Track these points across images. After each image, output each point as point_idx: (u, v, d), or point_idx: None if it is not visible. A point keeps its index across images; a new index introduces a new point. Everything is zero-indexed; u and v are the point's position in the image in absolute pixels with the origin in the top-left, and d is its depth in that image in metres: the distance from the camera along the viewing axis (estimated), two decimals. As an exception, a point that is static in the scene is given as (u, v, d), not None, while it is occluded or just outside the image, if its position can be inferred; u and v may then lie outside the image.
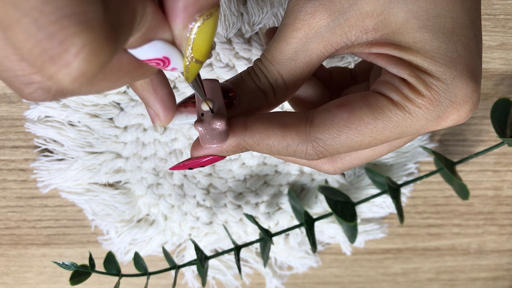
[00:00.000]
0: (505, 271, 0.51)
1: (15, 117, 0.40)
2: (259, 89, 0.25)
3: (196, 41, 0.18)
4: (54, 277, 0.47)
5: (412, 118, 0.22)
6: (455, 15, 0.22)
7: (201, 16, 0.18)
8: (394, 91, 0.23)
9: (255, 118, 0.24)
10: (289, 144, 0.24)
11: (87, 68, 0.14)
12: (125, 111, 0.40)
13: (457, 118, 0.23)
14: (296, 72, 0.24)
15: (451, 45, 0.22)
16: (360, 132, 0.23)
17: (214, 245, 0.46)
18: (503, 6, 0.39)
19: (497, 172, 0.46)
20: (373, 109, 0.23)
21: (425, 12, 0.22)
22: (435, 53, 0.22)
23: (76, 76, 0.14)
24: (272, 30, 0.29)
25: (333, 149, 0.24)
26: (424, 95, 0.22)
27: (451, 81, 0.22)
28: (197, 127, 0.24)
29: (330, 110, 0.23)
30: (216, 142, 0.24)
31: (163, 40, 0.18)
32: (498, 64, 0.41)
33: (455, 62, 0.22)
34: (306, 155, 0.24)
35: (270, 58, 0.24)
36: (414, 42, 0.22)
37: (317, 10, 0.22)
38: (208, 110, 0.23)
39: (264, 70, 0.25)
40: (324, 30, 0.23)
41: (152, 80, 0.22)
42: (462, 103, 0.22)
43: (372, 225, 0.46)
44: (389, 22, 0.22)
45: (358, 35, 0.23)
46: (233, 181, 0.43)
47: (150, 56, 0.18)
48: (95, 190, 0.42)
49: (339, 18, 0.22)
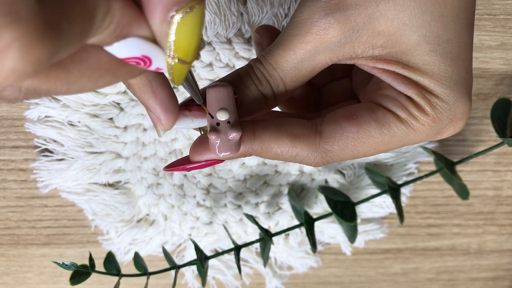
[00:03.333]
0: (505, 271, 0.51)
1: (15, 117, 0.40)
2: (261, 93, 0.25)
3: (178, 38, 0.17)
4: (54, 277, 0.47)
5: (415, 133, 0.24)
6: (461, 40, 0.23)
7: (180, 10, 0.16)
8: (400, 108, 0.24)
9: (263, 125, 0.25)
10: (298, 153, 0.25)
11: (17, 66, 0.13)
12: (125, 111, 0.40)
13: (452, 132, 0.25)
14: (298, 79, 0.25)
15: (456, 69, 0.23)
16: (366, 145, 0.24)
17: (214, 245, 0.46)
18: (503, 6, 0.39)
19: (497, 172, 0.46)
20: (381, 124, 0.24)
21: (436, 37, 0.23)
22: (442, 76, 0.23)
23: (8, 73, 0.13)
24: (265, 28, 0.29)
25: (339, 158, 0.25)
26: (428, 114, 0.24)
27: (453, 102, 0.24)
28: (211, 136, 0.23)
29: (338, 123, 0.24)
30: (229, 151, 0.24)
31: (140, 37, 0.17)
32: (498, 64, 0.41)
33: (458, 85, 0.23)
34: (313, 163, 0.25)
35: (274, 65, 0.24)
36: (424, 64, 0.23)
37: (332, 27, 0.23)
38: (225, 120, 0.23)
39: (267, 75, 0.25)
40: (334, 45, 0.23)
41: (151, 81, 0.21)
42: (459, 120, 0.24)
43: (372, 225, 0.46)
44: (400, 43, 0.23)
45: (365, 49, 0.23)
46: (233, 181, 0.43)
47: (127, 54, 0.17)
48: (95, 190, 0.42)
49: (351, 35, 0.23)
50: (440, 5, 0.22)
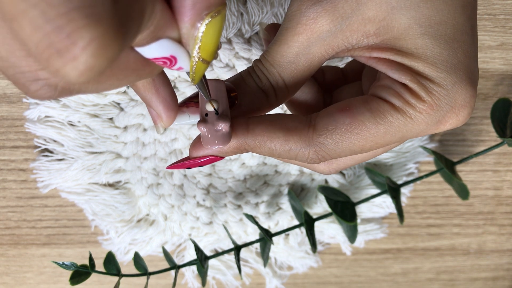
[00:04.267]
0: (505, 271, 0.51)
1: (15, 117, 0.40)
2: (261, 90, 0.25)
3: (204, 39, 0.18)
4: (54, 277, 0.47)
5: (413, 122, 0.23)
6: (456, 21, 0.22)
7: (209, 14, 0.17)
8: (395, 96, 0.23)
9: (257, 120, 0.24)
10: (291, 148, 0.24)
11: (94, 63, 0.14)
12: (125, 111, 0.40)
13: (456, 122, 0.23)
14: (297, 74, 0.24)
15: (452, 52, 0.22)
16: (362, 137, 0.23)
17: (214, 245, 0.46)
18: (503, 6, 0.39)
19: (497, 172, 0.46)
20: (375, 114, 0.23)
21: (427, 19, 0.22)
22: (436, 59, 0.22)
23: (83, 70, 0.14)
24: (273, 26, 0.29)
25: (335, 153, 0.24)
26: (425, 100, 0.22)
27: (451, 87, 0.22)
28: (200, 127, 0.23)
29: (332, 115, 0.24)
30: (218, 143, 0.24)
31: (170, 38, 0.18)
32: (498, 64, 0.41)
33: (455, 68, 0.22)
34: (308, 159, 0.24)
35: (271, 60, 0.24)
36: (416, 48, 0.22)
37: (320, 16, 0.22)
38: (213, 111, 0.23)
39: (265, 71, 0.25)
40: (326, 35, 0.23)
41: (154, 80, 0.22)
42: (461, 107, 0.23)
43: (372, 225, 0.46)
44: (391, 28, 0.22)
45: (359, 39, 0.23)
46: (233, 181, 0.43)
47: (158, 54, 0.18)
48: (95, 190, 0.42)
49: (341, 23, 0.23)
50: None
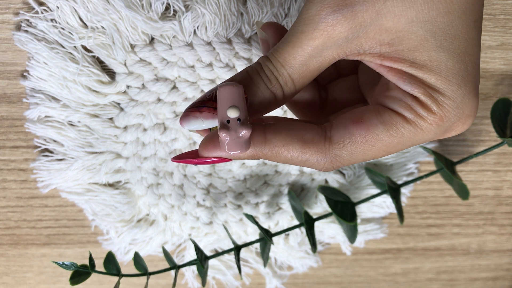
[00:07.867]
0: (505, 271, 0.51)
1: (15, 117, 0.40)
2: (270, 91, 0.25)
3: None
4: (54, 277, 0.47)
5: (423, 133, 0.24)
6: (468, 36, 0.23)
7: None
8: (407, 109, 0.24)
9: (273, 129, 0.25)
10: (308, 159, 0.25)
11: None
12: (125, 111, 0.40)
13: (461, 130, 0.25)
14: (306, 75, 0.25)
15: (463, 65, 0.23)
16: (375, 148, 0.25)
17: (214, 245, 0.46)
18: (503, 6, 0.39)
19: (497, 172, 0.46)
20: (388, 126, 0.24)
21: (443, 32, 0.23)
22: (449, 73, 0.23)
23: None
24: (271, 25, 0.29)
25: (349, 162, 0.25)
26: (435, 112, 0.24)
27: (461, 100, 0.24)
28: (221, 133, 0.24)
29: (347, 127, 0.25)
30: (238, 149, 0.24)
31: None
32: (498, 64, 0.41)
33: (465, 81, 0.23)
34: (323, 168, 0.26)
35: (282, 62, 0.24)
36: (430, 60, 0.23)
37: (339, 23, 0.23)
38: (235, 117, 0.24)
39: (275, 73, 0.25)
40: (342, 41, 0.23)
41: None
42: (467, 117, 0.24)
43: (372, 225, 0.46)
44: (407, 39, 0.23)
45: (372, 46, 0.23)
46: (233, 181, 0.43)
47: None
48: (95, 190, 0.42)
49: (358, 31, 0.23)
50: (446, 2, 0.22)
